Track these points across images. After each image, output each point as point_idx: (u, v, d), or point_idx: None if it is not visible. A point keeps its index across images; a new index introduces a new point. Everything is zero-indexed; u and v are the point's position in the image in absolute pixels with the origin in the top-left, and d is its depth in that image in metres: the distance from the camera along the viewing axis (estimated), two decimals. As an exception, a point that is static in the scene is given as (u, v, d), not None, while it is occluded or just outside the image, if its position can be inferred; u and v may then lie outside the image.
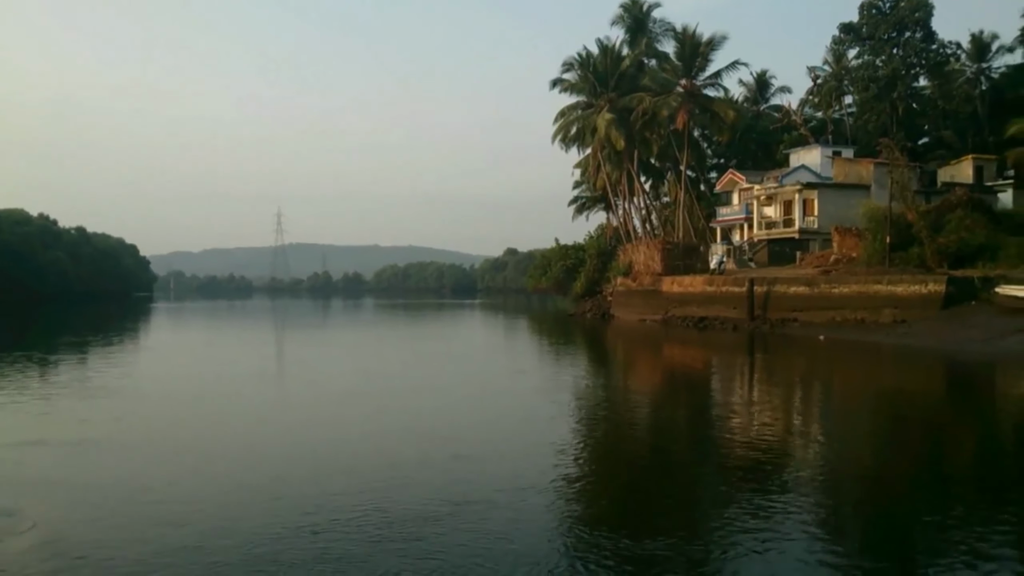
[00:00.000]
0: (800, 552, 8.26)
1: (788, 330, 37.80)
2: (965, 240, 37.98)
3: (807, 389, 23.13)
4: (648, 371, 28.90)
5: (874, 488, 11.27)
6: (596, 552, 8.31)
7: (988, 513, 9.69)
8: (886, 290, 35.40)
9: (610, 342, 41.41)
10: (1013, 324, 28.97)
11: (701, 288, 45.94)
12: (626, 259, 57.07)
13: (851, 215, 44.15)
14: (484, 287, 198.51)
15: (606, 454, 13.90)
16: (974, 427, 16.61)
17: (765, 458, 12.76)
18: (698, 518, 9.83)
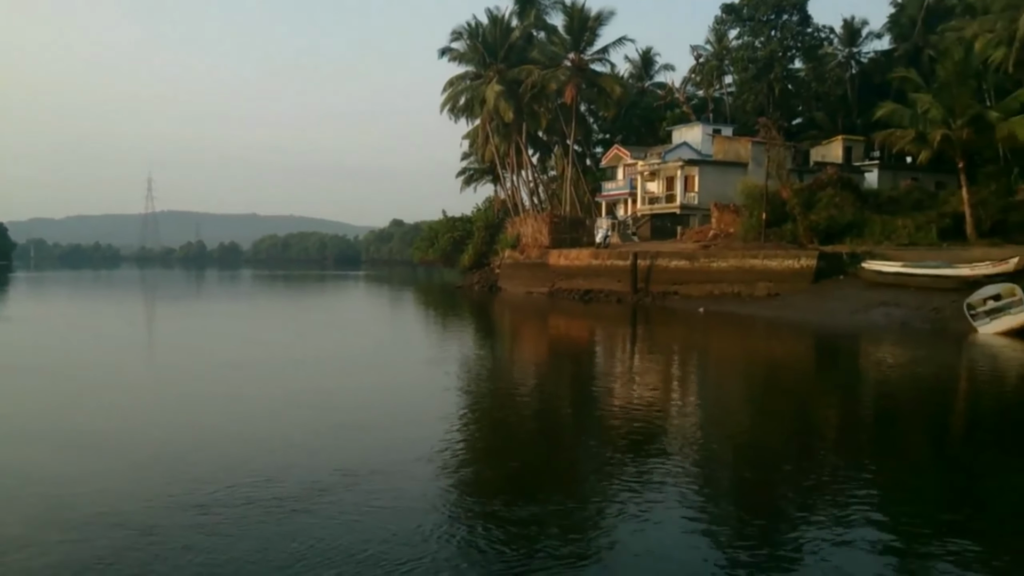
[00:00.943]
0: (676, 513, 8.51)
1: (669, 303, 38.94)
2: (835, 217, 39.93)
3: (686, 359, 23.88)
4: (534, 342, 29.18)
5: (747, 452, 11.72)
6: (481, 518, 8.36)
7: (850, 473, 10.22)
8: (761, 265, 36.86)
9: (497, 314, 41.58)
10: (877, 297, 30.73)
11: (587, 261, 46.65)
12: (514, 232, 57.33)
13: (730, 192, 45.70)
14: (368, 259, 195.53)
15: (493, 423, 13.90)
16: (839, 393, 17.59)
17: (646, 425, 13.11)
18: (581, 483, 9.99)
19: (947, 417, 14.92)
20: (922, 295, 29.50)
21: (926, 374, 19.44)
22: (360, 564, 7.04)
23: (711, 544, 7.72)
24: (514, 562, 7.17)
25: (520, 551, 7.43)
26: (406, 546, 7.47)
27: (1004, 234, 35.69)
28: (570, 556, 7.31)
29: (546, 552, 7.40)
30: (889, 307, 29.58)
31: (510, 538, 7.77)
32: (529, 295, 49.02)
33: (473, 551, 7.44)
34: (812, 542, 7.69)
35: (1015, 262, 28.03)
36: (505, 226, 60.46)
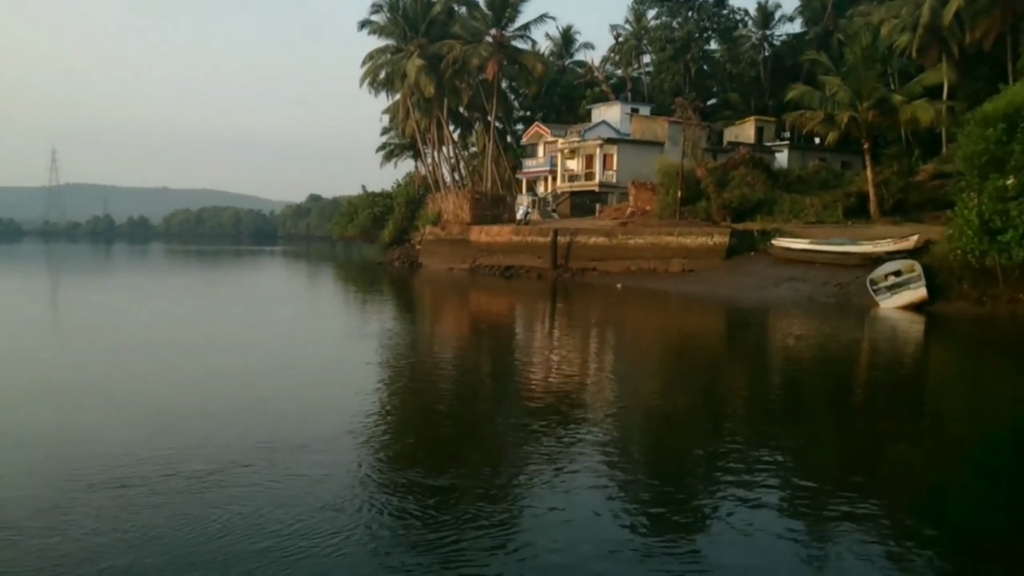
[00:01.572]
0: (594, 480, 8.78)
1: (588, 279, 39.54)
2: (747, 196, 41.10)
3: (604, 333, 24.38)
4: (456, 317, 29.29)
5: (662, 421, 12.14)
6: (406, 487, 8.47)
7: (759, 440, 10.70)
8: (676, 242, 37.71)
9: (418, 290, 41.48)
10: (786, 273, 31.87)
11: (508, 238, 46.88)
12: (435, 208, 57.12)
13: (647, 170, 46.50)
14: (285, 234, 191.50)
15: (415, 396, 13.99)
16: (749, 364, 18.27)
17: (565, 396, 13.44)
18: (501, 453, 10.21)
19: (849, 386, 15.67)
20: (828, 271, 30.71)
21: (830, 346, 20.33)
22: (288, 535, 7.07)
23: (627, 509, 8.01)
24: (438, 529, 7.31)
25: (443, 519, 7.57)
26: (334, 516, 7.54)
27: (905, 213, 37.38)
28: (491, 523, 7.49)
29: (468, 519, 7.55)
30: (797, 282, 30.72)
31: (434, 506, 7.91)
32: (450, 271, 49.01)
33: (400, 520, 7.56)
34: (722, 506, 8.06)
35: (915, 239, 29.41)
36: (426, 202, 60.18)
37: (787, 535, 7.32)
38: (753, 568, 6.71)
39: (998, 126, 24.02)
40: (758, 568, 6.71)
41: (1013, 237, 23.25)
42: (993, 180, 24.27)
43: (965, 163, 25.71)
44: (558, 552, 6.89)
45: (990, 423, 12.57)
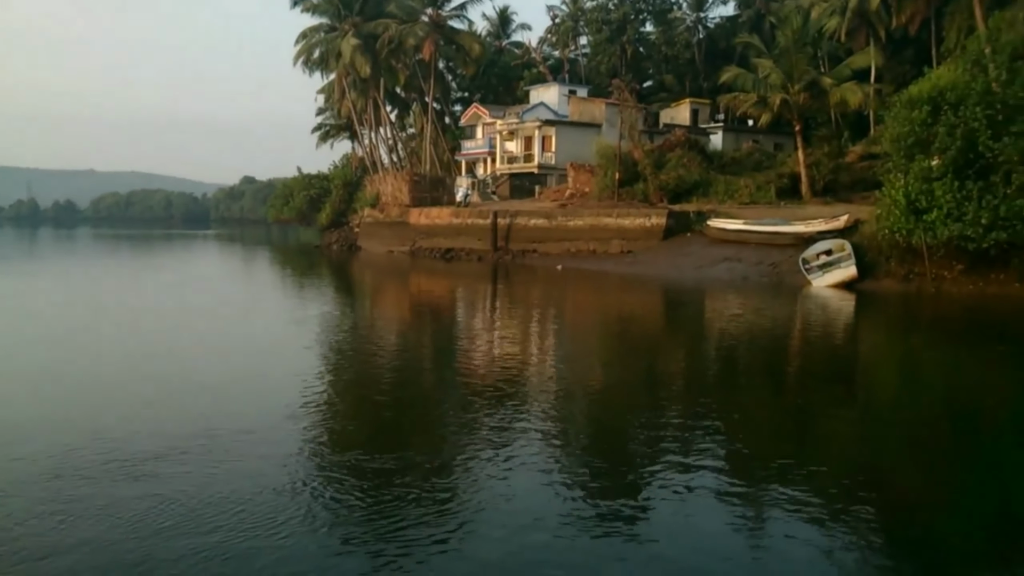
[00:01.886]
0: (534, 461, 8.88)
1: (529, 260, 39.72)
2: (683, 177, 41.69)
3: (545, 314, 24.56)
4: (396, 301, 29.16)
5: (601, 400, 12.34)
6: (343, 470, 8.50)
7: (696, 418, 10.93)
8: (615, 223, 38.11)
9: (357, 273, 41.12)
10: (721, 253, 32.51)
11: (448, 220, 46.74)
12: (373, 190, 56.58)
13: (585, 152, 46.78)
14: (219, 217, 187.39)
15: (356, 379, 13.93)
16: (686, 343, 18.65)
17: (506, 377, 13.50)
18: (443, 434, 10.26)
19: (782, 362, 16.13)
20: (762, 251, 31.43)
21: (764, 323, 20.86)
22: (231, 521, 7.03)
23: (568, 485, 8.14)
24: (381, 510, 7.35)
25: (386, 500, 7.62)
26: (277, 500, 7.52)
27: (835, 193, 38.41)
28: (433, 502, 7.56)
29: (411, 499, 7.61)
30: (732, 262, 31.37)
31: (376, 488, 7.95)
32: (390, 254, 48.69)
33: (342, 501, 7.57)
34: (662, 480, 8.26)
35: (844, 219, 30.27)
36: (364, 184, 59.54)
37: (724, 506, 7.54)
38: (690, 538, 6.91)
39: (923, 109, 24.80)
40: (696, 538, 6.90)
41: (938, 216, 24.12)
42: (919, 161, 25.08)
43: (892, 145, 26.51)
44: (500, 529, 7.00)
45: (915, 395, 13.11)
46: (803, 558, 6.42)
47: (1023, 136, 23.36)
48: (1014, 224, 23.08)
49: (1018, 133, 23.44)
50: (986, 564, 6.32)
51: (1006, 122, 23.90)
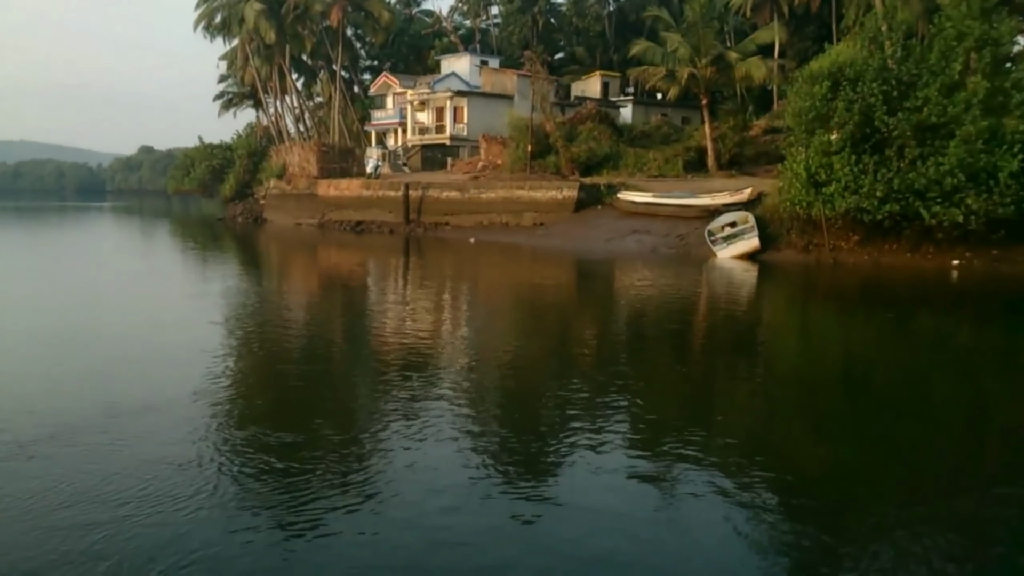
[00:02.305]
0: (446, 434, 8.81)
1: (441, 233, 39.43)
2: (594, 150, 42.02)
3: (458, 287, 24.47)
4: (305, 274, 28.53)
5: (515, 373, 12.32)
6: (251, 446, 8.32)
7: (606, 388, 11.06)
8: (527, 195, 38.14)
9: (264, 246, 40.08)
10: (631, 225, 32.93)
11: (358, 192, 45.92)
12: (279, 161, 54.97)
13: (497, 124, 46.58)
14: (115, 189, 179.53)
15: (264, 355, 13.53)
16: (597, 314, 18.87)
17: (418, 351, 13.42)
18: (354, 409, 10.15)
19: (689, 332, 16.47)
20: (670, 223, 31.98)
21: (672, 295, 21.25)
22: (135, 500, 6.82)
23: (481, 456, 8.14)
24: (290, 486, 7.20)
25: (295, 475, 7.47)
26: (181, 475, 7.35)
27: (740, 166, 39.40)
28: (342, 476, 7.48)
29: (320, 474, 7.49)
30: (641, 234, 31.84)
31: (286, 464, 7.78)
32: (298, 227, 47.60)
33: (251, 478, 7.41)
34: (572, 449, 8.31)
35: (748, 192, 31.06)
36: (269, 154, 57.78)
37: (629, 477, 7.62)
38: (599, 504, 6.97)
39: (823, 84, 25.56)
40: (600, 508, 6.95)
41: (836, 189, 24.98)
42: (819, 135, 25.87)
43: (794, 119, 27.27)
44: (408, 500, 6.96)
45: (813, 361, 13.63)
46: (705, 528, 6.55)
47: (916, 112, 24.34)
48: (906, 197, 24.10)
49: (911, 109, 24.42)
50: (881, 528, 6.56)
51: (900, 98, 24.88)
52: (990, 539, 6.51)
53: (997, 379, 12.59)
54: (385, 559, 5.94)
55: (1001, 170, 23.07)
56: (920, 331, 16.57)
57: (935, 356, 14.15)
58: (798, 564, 6.04)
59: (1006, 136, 23.63)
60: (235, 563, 5.89)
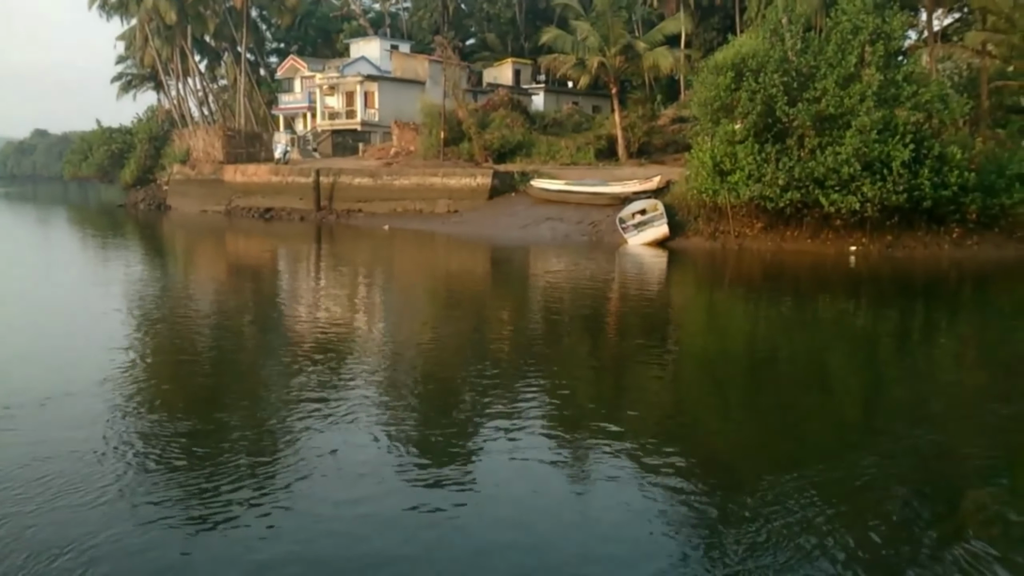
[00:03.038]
0: (361, 420, 8.86)
1: (354, 220, 38.95)
2: (506, 137, 42.10)
3: (372, 275, 24.29)
4: (212, 263, 27.79)
5: (431, 359, 12.40)
6: (156, 435, 8.23)
7: (522, 372, 11.27)
8: (441, 183, 38.03)
9: (168, 234, 38.83)
10: (544, 213, 33.23)
11: (266, 178, 44.86)
12: (183, 145, 53.13)
13: (409, 109, 46.20)
14: (7, 174, 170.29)
15: (169, 345, 13.23)
16: (512, 301, 19.06)
17: (333, 339, 13.36)
18: (266, 395, 10.09)
19: (600, 318, 16.82)
20: (582, 211, 32.42)
21: (585, 282, 21.61)
22: (37, 493, 6.70)
23: (397, 444, 8.20)
24: (200, 473, 7.17)
25: (205, 463, 7.44)
26: (88, 467, 7.23)
27: (649, 155, 40.17)
28: (252, 467, 7.43)
29: (230, 463, 7.45)
30: (554, 222, 32.17)
31: (195, 451, 7.75)
32: (204, 214, 46.22)
33: (158, 466, 7.33)
34: (489, 435, 8.46)
35: (657, 180, 31.74)
36: (172, 139, 55.74)
37: (546, 459, 7.80)
38: (513, 490, 7.13)
39: (727, 74, 26.31)
40: (517, 489, 7.12)
41: (740, 178, 25.78)
42: (723, 125, 26.65)
43: (699, 108, 27.99)
44: (322, 486, 7.01)
45: (719, 344, 14.12)
46: (616, 508, 6.76)
47: (815, 103, 25.30)
48: (806, 185, 25.07)
49: (810, 100, 25.37)
50: (779, 497, 6.91)
51: (800, 89, 25.81)
52: (879, 504, 6.93)
53: (889, 357, 13.34)
54: (292, 552, 5.91)
55: (894, 159, 24.21)
56: (819, 314, 17.35)
57: (833, 337, 14.85)
58: (703, 537, 6.29)
59: (898, 127, 24.81)
60: (140, 557, 5.81)
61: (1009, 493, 7.37)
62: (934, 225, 25.82)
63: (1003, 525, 6.64)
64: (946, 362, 13.21)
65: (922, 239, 25.81)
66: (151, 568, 5.70)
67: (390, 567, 5.78)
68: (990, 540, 6.27)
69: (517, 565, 5.86)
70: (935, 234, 25.85)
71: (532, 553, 5.96)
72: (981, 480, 7.69)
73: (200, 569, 5.72)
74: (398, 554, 5.95)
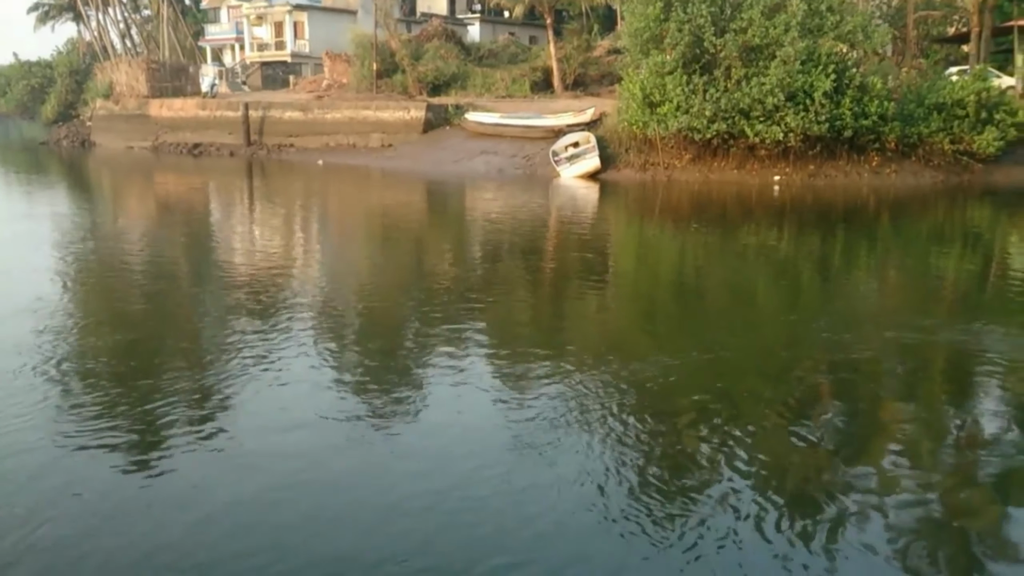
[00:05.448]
0: (302, 367, 8.78)
1: (286, 155, 38.31)
2: (441, 69, 41.56)
3: (308, 211, 24.16)
4: (141, 201, 27.21)
5: (371, 299, 12.47)
6: (80, 384, 8.20)
7: (462, 310, 11.50)
8: (374, 116, 37.53)
9: (94, 172, 37.69)
10: (479, 146, 33.16)
11: (194, 112, 43.63)
12: (105, 79, 51.07)
13: (341, 40, 45.16)
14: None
15: (98, 288, 13.04)
16: (449, 237, 19.22)
17: (270, 282, 13.20)
18: (203, 347, 9.89)
19: (535, 251, 17.10)
20: (516, 144, 32.42)
21: (521, 214, 21.85)
22: None
23: (336, 391, 8.17)
24: (134, 416, 7.23)
25: (138, 406, 7.46)
26: (13, 427, 7.10)
27: (585, 87, 40.16)
28: (191, 416, 7.46)
29: (168, 416, 7.41)
30: (489, 155, 32.17)
31: (122, 401, 7.72)
32: (130, 150, 44.84)
33: (88, 424, 7.24)
34: (430, 376, 8.60)
35: (591, 113, 31.85)
36: (95, 72, 53.60)
37: (489, 395, 7.94)
38: (456, 424, 7.33)
39: (656, 5, 26.33)
40: (461, 424, 7.33)
41: (669, 110, 26.08)
42: (653, 56, 26.78)
43: (630, 39, 28.04)
44: (261, 428, 7.09)
45: (652, 272, 14.69)
46: (553, 451, 6.75)
47: (742, 33, 25.57)
48: (732, 116, 25.51)
49: (737, 30, 25.63)
50: (711, 417, 7.39)
51: (728, 20, 26.03)
52: (797, 413, 7.47)
53: (809, 281, 14.02)
54: (225, 505, 5.81)
55: (816, 90, 24.75)
56: (744, 242, 17.90)
57: (757, 263, 15.44)
58: (636, 473, 6.47)
59: (821, 57, 25.30)
60: (68, 506, 5.83)
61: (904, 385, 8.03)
62: (855, 154, 26.61)
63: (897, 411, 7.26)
64: (863, 283, 14.00)
65: (843, 168, 26.62)
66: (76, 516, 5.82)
67: (328, 511, 5.78)
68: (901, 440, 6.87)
69: (440, 492, 6.02)
70: (855, 163, 26.67)
71: (469, 500, 5.94)
72: (894, 396, 8.42)
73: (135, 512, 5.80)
74: (332, 503, 5.90)
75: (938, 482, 6.31)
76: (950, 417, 7.79)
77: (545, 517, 5.65)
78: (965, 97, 25.88)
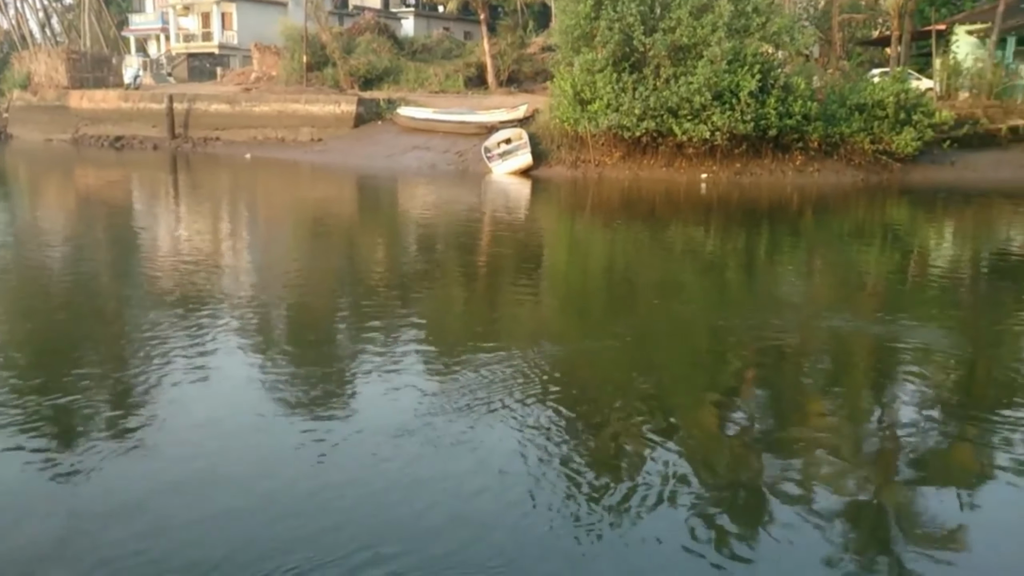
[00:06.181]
0: (233, 363, 8.60)
1: (212, 149, 37.44)
2: (373, 63, 41.14)
3: (235, 207, 23.63)
4: (60, 195, 26.21)
5: (302, 295, 12.12)
6: (29, 390, 7.74)
7: (395, 305, 11.30)
8: (304, 109, 36.95)
9: (10, 165, 36.18)
10: (411, 142, 32.93)
11: (116, 104, 42.30)
12: (23, 69, 49.23)
13: (270, 32, 44.36)
14: None
15: (13, 285, 12.51)
16: (381, 232, 18.99)
17: (196, 277, 12.73)
18: (120, 342, 9.52)
19: (467, 246, 16.94)
20: (449, 140, 32.28)
21: (453, 211, 21.77)
22: None
23: (270, 385, 7.97)
24: (51, 424, 6.90)
25: (67, 421, 7.07)
26: None
27: (519, 83, 40.23)
28: (110, 413, 7.20)
29: (97, 417, 7.13)
30: (421, 151, 31.96)
31: (43, 399, 7.36)
32: (49, 143, 43.29)
33: (11, 409, 6.99)
34: (363, 371, 8.42)
35: (524, 109, 31.89)
36: (12, 62, 51.59)
37: (424, 390, 7.76)
38: (389, 427, 7.04)
39: (587, 3, 26.50)
40: (393, 416, 7.16)
41: (599, 107, 26.28)
42: (584, 54, 26.94)
43: (561, 37, 28.18)
44: (188, 426, 6.85)
45: (583, 267, 14.81)
46: (486, 440, 6.70)
47: (670, 32, 25.91)
48: (661, 114, 25.83)
49: (666, 29, 25.95)
50: (631, 407, 7.43)
51: (657, 19, 26.34)
52: (719, 393, 7.56)
53: (734, 274, 14.25)
54: (148, 502, 5.62)
55: (742, 89, 25.22)
56: (672, 237, 18.12)
57: (684, 258, 15.62)
58: (572, 455, 6.45)
59: (747, 57, 25.79)
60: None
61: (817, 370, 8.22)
62: (779, 153, 27.23)
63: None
64: (785, 276, 14.32)
65: (768, 166, 27.20)
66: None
67: (263, 512, 5.56)
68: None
69: (337, 487, 5.94)
70: (780, 161, 27.29)
71: (406, 491, 5.84)
72: (816, 382, 8.64)
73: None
74: (258, 501, 5.71)
75: (856, 464, 6.46)
76: (868, 402, 8.07)
77: (443, 506, 5.57)
78: (885, 98, 26.66)
